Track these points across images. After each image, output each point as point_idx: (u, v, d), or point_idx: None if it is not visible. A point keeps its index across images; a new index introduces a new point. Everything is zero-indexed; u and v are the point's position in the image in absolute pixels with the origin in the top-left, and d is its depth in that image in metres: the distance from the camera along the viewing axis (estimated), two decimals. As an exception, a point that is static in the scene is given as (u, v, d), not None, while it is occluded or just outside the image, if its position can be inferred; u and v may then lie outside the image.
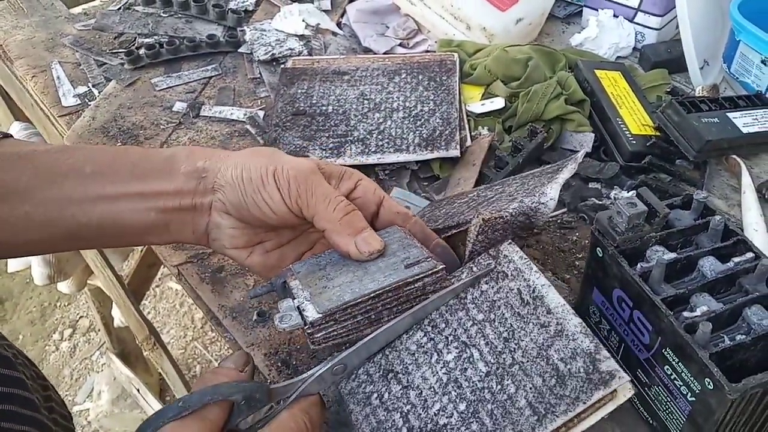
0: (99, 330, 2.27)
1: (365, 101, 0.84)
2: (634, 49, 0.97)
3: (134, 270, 1.48)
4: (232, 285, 0.72)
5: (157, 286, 2.40)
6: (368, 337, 0.52)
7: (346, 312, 0.51)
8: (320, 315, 0.50)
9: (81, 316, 2.36)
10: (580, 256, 0.73)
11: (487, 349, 0.51)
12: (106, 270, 1.15)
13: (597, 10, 0.98)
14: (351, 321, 0.52)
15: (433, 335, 0.53)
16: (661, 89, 0.89)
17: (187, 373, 2.06)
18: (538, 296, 0.51)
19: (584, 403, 0.45)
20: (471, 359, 0.51)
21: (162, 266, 2.09)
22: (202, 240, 0.58)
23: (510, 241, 0.55)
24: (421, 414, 0.50)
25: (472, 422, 0.48)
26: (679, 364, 0.52)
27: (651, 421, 0.58)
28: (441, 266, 0.53)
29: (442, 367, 0.51)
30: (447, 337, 0.53)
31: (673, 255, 0.56)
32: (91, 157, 0.55)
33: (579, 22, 1.03)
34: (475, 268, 0.56)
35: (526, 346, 0.49)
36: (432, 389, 0.51)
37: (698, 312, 0.52)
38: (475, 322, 0.52)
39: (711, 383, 0.49)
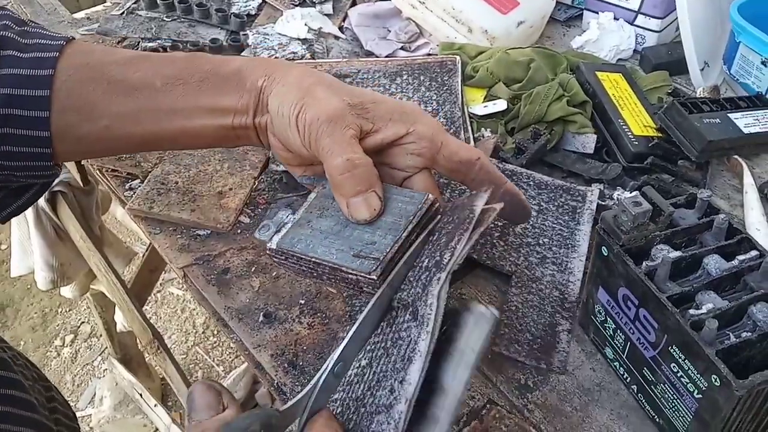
0: (101, 335, 2.27)
1: (368, 104, 0.85)
2: (635, 51, 0.98)
3: (136, 275, 1.48)
4: (238, 287, 0.72)
5: (159, 292, 2.40)
6: (354, 327, 0.47)
7: (293, 258, 0.54)
8: (275, 248, 0.55)
9: (82, 322, 2.36)
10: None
11: (369, 377, 0.47)
12: (109, 274, 1.15)
13: (597, 13, 0.98)
14: (296, 266, 0.55)
15: (383, 335, 0.49)
16: (662, 91, 0.89)
17: (190, 378, 2.06)
18: (408, 358, 0.44)
19: None
20: (363, 377, 0.48)
21: (164, 271, 2.10)
22: (258, 146, 0.60)
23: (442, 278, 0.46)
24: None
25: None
26: (686, 361, 0.52)
27: (657, 419, 0.58)
28: (376, 274, 0.49)
29: (357, 364, 0.49)
30: (374, 342, 0.49)
31: (678, 253, 0.56)
32: (159, 70, 0.55)
33: (579, 25, 1.04)
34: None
35: (377, 396, 0.45)
36: (346, 377, 0.49)
37: (704, 309, 0.53)
38: (385, 345, 0.48)
39: (718, 380, 0.49)
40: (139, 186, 0.81)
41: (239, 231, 0.77)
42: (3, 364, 0.58)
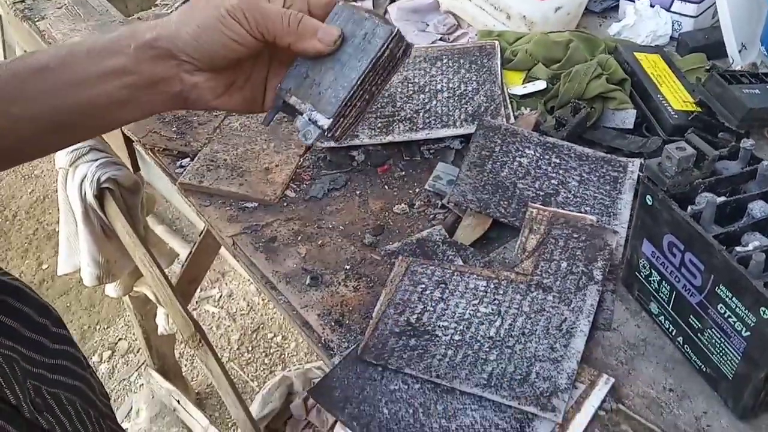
0: (138, 351, 2.30)
1: (409, 85, 0.87)
2: (672, 38, 0.99)
3: (175, 285, 1.51)
4: (285, 253, 0.74)
5: (194, 309, 2.42)
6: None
7: (347, 106, 0.60)
8: (331, 119, 0.59)
9: (120, 339, 2.40)
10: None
11: (506, 327, 0.62)
12: (153, 269, 1.18)
13: (633, 1, 1.00)
14: (353, 109, 0.60)
15: (488, 290, 0.66)
16: (700, 71, 0.90)
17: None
18: (568, 332, 0.62)
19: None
20: (491, 322, 0.63)
21: (199, 289, 2.13)
22: (179, 105, 0.63)
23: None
24: (431, 317, 0.64)
25: (450, 348, 0.62)
26: (733, 299, 0.52)
27: (704, 369, 0.58)
28: (396, 29, 0.59)
29: (473, 309, 0.64)
30: (495, 299, 0.65)
31: (722, 198, 0.57)
32: (53, 54, 0.60)
33: (615, 16, 1.06)
34: None
35: (528, 347, 0.61)
36: (453, 314, 0.64)
37: (750, 247, 0.53)
38: (520, 309, 0.64)
39: (766, 312, 0.49)
40: (189, 163, 0.84)
41: (285, 204, 0.79)
42: (58, 322, 0.60)
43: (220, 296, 2.47)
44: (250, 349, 2.28)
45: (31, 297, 0.58)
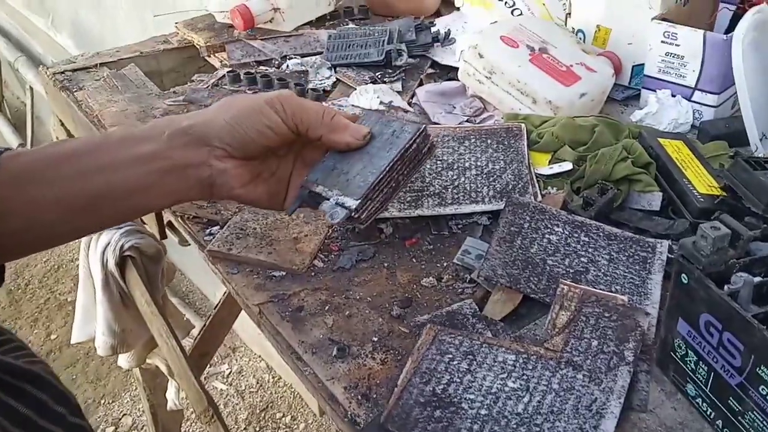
0: (143, 427, 2.24)
1: (438, 162, 0.89)
2: (693, 126, 1.01)
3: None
4: (312, 323, 0.73)
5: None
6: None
7: (375, 190, 0.63)
8: (359, 200, 0.62)
9: (124, 414, 2.35)
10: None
11: (534, 404, 0.61)
12: (170, 339, 1.17)
13: (655, 90, 1.03)
14: (380, 194, 0.64)
15: (517, 364, 0.64)
16: (723, 159, 0.91)
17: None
18: (598, 412, 0.60)
19: None
20: (519, 398, 0.62)
21: (209, 365, 2.09)
22: (204, 193, 0.64)
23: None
24: (457, 389, 0.63)
25: (476, 423, 0.60)
26: (777, 380, 0.51)
27: (747, 454, 0.56)
28: (422, 126, 0.66)
29: (501, 383, 0.63)
30: (523, 374, 0.64)
31: (759, 279, 0.57)
32: (87, 140, 0.64)
33: (636, 105, 1.08)
34: None
35: (557, 425, 0.59)
36: (480, 387, 0.63)
37: (792, 327, 0.52)
38: (549, 386, 0.63)
39: (813, 393, 0.48)
40: (219, 231, 0.85)
41: (313, 274, 0.80)
42: (77, 411, 0.58)
43: (230, 372, 2.43)
44: (257, 429, 2.22)
45: (50, 384, 0.55)
